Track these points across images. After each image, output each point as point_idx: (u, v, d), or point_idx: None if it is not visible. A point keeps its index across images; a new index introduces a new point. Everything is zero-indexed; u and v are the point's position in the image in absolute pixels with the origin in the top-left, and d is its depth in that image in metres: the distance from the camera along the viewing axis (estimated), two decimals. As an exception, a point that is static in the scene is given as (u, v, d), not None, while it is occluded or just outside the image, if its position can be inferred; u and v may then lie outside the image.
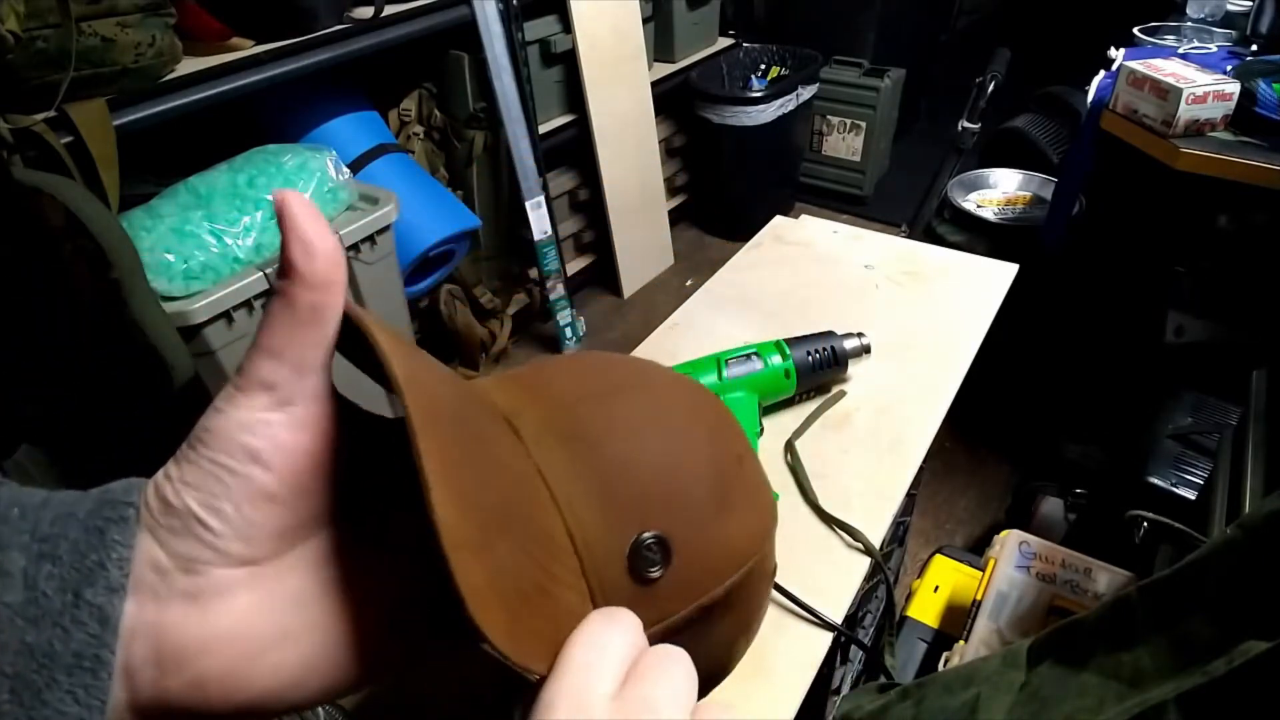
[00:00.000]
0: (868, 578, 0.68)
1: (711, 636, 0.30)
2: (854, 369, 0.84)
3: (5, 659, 0.18)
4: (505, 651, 0.21)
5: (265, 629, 0.21)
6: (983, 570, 1.03)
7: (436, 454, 0.21)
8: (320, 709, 0.88)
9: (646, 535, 0.27)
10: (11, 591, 0.19)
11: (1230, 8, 1.65)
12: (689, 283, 2.50)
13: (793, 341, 0.81)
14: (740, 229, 2.54)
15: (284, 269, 0.21)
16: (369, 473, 0.24)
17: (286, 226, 0.21)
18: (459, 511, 0.21)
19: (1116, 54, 1.52)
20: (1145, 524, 0.92)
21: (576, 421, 0.29)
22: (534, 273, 2.14)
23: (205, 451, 0.21)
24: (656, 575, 0.27)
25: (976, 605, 0.98)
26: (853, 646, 0.93)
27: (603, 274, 2.46)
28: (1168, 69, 1.26)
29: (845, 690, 0.94)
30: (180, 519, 0.20)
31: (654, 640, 0.25)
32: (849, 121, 2.76)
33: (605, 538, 0.27)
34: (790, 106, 2.49)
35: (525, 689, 0.22)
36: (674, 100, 2.50)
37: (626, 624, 0.24)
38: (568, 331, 2.20)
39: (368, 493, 0.24)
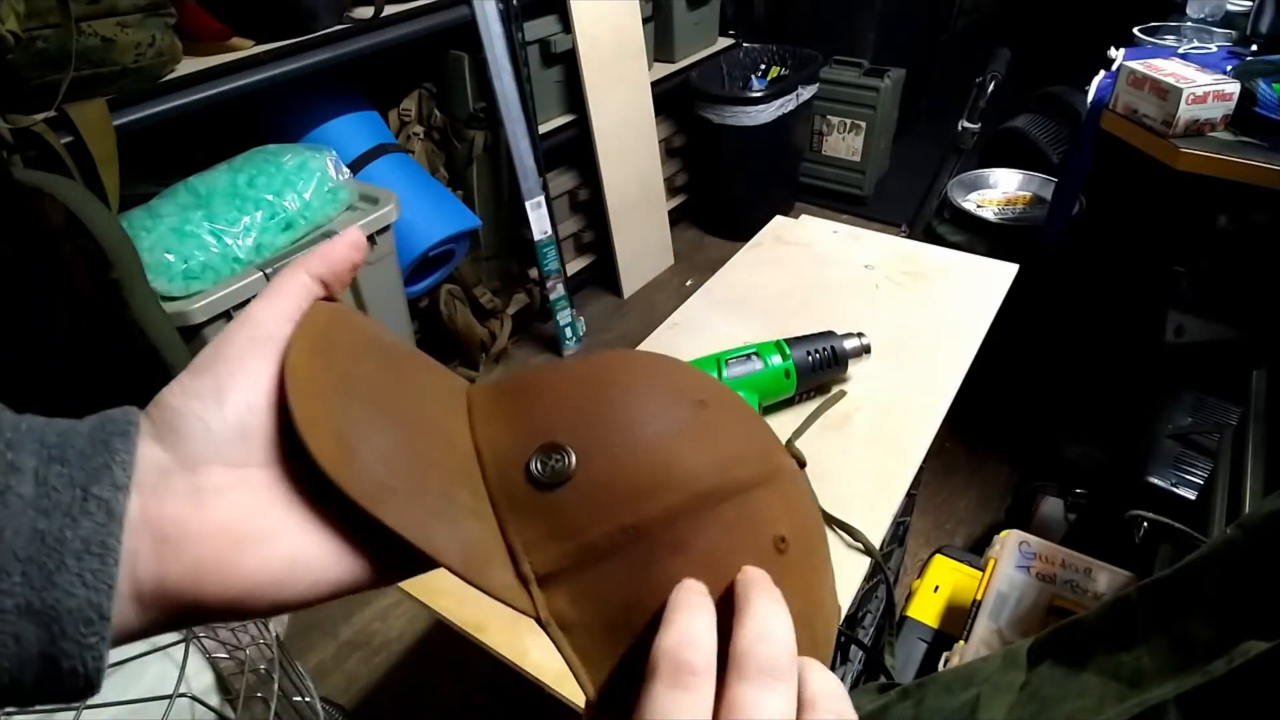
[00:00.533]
0: (868, 578, 0.68)
1: (657, 578, 0.26)
2: (854, 369, 0.84)
3: (19, 544, 0.20)
4: (335, 478, 0.23)
5: (256, 523, 0.23)
6: (983, 570, 1.03)
7: (315, 338, 0.26)
8: (320, 708, 0.88)
9: (549, 440, 0.27)
10: (24, 485, 0.20)
11: (1230, 8, 1.65)
12: (689, 283, 2.50)
13: (793, 341, 0.81)
14: (740, 229, 2.54)
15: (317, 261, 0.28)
16: None
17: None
18: (319, 368, 0.25)
19: (1116, 54, 1.52)
20: (1145, 524, 0.92)
21: (519, 383, 0.30)
22: (534, 273, 2.14)
23: (209, 366, 0.24)
24: (549, 478, 0.26)
25: (976, 605, 0.98)
26: (853, 646, 0.93)
27: (603, 274, 2.46)
28: (1168, 69, 1.26)
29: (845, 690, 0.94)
30: (184, 420, 0.23)
31: (573, 565, 0.25)
32: (849, 121, 2.76)
33: (508, 447, 0.27)
34: (790, 106, 2.49)
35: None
36: (674, 100, 2.50)
37: (697, 682, 0.22)
38: (568, 331, 2.20)
39: None
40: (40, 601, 0.20)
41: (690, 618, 0.23)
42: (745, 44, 2.71)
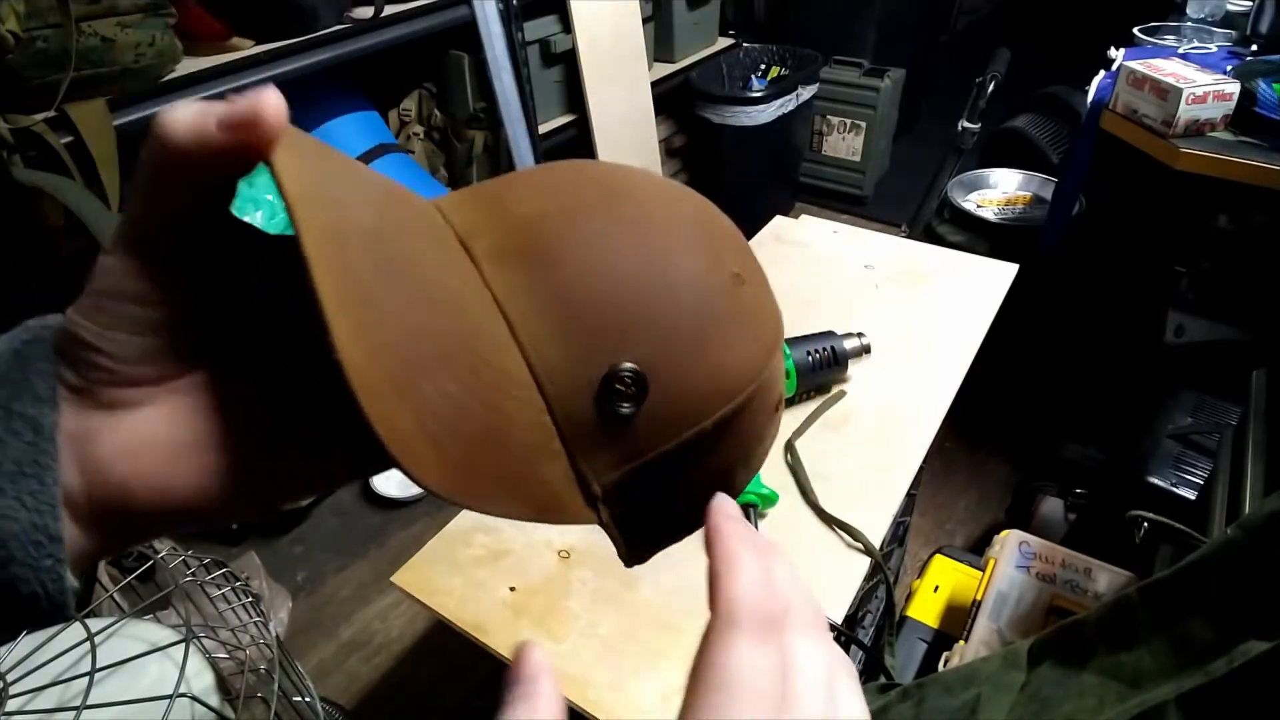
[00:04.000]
0: (868, 578, 0.68)
1: (698, 471, 0.27)
2: (854, 369, 0.84)
3: None
4: (442, 493, 0.21)
5: (179, 436, 0.22)
6: (983, 570, 1.03)
7: (338, 281, 0.19)
8: (320, 708, 0.88)
9: (621, 367, 0.24)
10: None
11: (1230, 8, 1.65)
12: (689, 283, 2.50)
13: (793, 341, 0.81)
14: (740, 229, 2.53)
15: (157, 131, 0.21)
16: (264, 297, 0.24)
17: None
18: (368, 348, 0.20)
19: (1116, 54, 1.52)
20: (1145, 524, 0.92)
21: (539, 237, 0.25)
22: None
23: (93, 290, 0.21)
24: (629, 411, 0.25)
25: (976, 605, 0.98)
26: (853, 646, 0.93)
27: (603, 274, 2.46)
28: (1168, 69, 1.26)
29: (845, 690, 0.94)
30: (80, 346, 0.21)
31: (627, 476, 0.25)
32: (849, 121, 2.76)
33: (571, 369, 0.24)
34: (790, 106, 2.49)
35: None
36: (674, 100, 2.50)
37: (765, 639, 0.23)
38: (568, 331, 2.20)
39: (269, 314, 0.24)
40: None
41: (760, 561, 0.24)
42: (745, 44, 2.71)
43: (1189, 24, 1.65)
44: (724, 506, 0.26)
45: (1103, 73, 1.48)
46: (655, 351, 0.25)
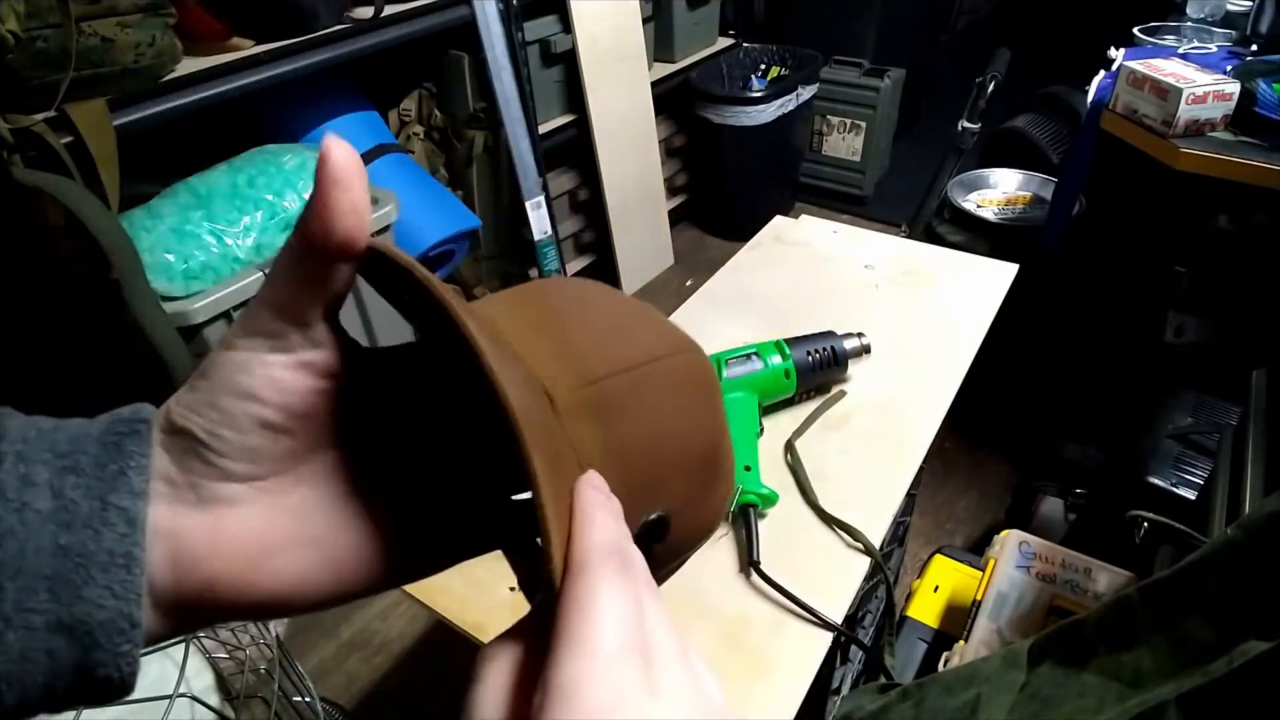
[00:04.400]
0: (868, 578, 0.68)
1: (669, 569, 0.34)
2: (854, 369, 0.84)
3: (42, 561, 0.19)
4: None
5: (271, 536, 0.23)
6: (983, 570, 1.03)
7: (553, 502, 0.22)
8: (320, 708, 0.88)
9: (653, 515, 0.30)
10: (41, 500, 0.20)
11: (1230, 8, 1.65)
12: (689, 283, 2.50)
13: (793, 341, 0.81)
14: (740, 229, 2.54)
15: (301, 224, 0.21)
16: (371, 400, 0.26)
17: (319, 180, 0.21)
18: (561, 543, 0.23)
19: (1116, 54, 1.52)
20: (1145, 524, 0.92)
21: (604, 398, 0.30)
22: (534, 273, 2.14)
23: (205, 385, 0.22)
24: (646, 541, 0.30)
25: (976, 605, 0.98)
26: (853, 646, 0.93)
27: (603, 274, 2.46)
28: (1168, 69, 1.26)
29: (845, 690, 0.94)
30: (186, 440, 0.22)
31: None
32: (849, 121, 2.76)
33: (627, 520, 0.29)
34: (790, 106, 2.49)
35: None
36: (674, 100, 2.50)
37: (633, 575, 0.23)
38: (568, 331, 2.20)
39: (370, 417, 0.25)
40: (70, 616, 0.19)
41: (617, 524, 0.24)
42: (745, 44, 2.71)
43: (1189, 24, 1.65)
44: (592, 479, 0.26)
45: (1103, 73, 1.48)
46: (675, 504, 0.31)
